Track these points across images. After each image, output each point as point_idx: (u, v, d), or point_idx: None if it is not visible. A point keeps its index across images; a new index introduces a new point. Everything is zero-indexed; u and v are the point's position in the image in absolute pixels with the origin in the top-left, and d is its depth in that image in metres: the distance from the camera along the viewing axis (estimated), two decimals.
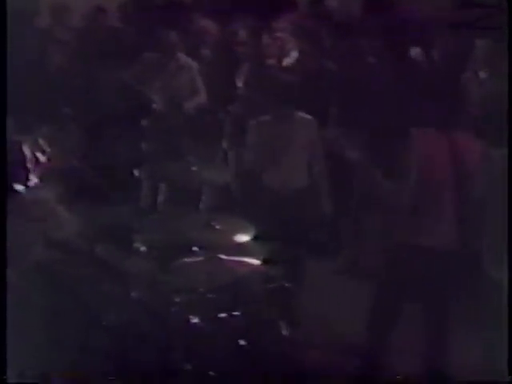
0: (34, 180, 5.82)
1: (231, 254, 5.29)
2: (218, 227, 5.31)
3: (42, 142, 6.17)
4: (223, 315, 5.11)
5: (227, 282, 5.20)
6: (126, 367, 4.85)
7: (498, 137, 5.80)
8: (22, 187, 5.43)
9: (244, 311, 5.17)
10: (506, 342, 4.67)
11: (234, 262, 5.27)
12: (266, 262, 5.30)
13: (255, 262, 5.27)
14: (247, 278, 5.25)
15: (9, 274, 4.40)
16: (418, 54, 8.00)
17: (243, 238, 5.29)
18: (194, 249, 5.36)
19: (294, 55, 8.05)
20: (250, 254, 5.30)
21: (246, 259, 5.28)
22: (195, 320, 5.06)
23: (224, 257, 5.28)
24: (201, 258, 5.32)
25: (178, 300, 5.11)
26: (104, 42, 8.44)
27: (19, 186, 5.36)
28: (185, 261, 5.31)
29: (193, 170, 6.02)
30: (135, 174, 6.52)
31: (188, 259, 5.32)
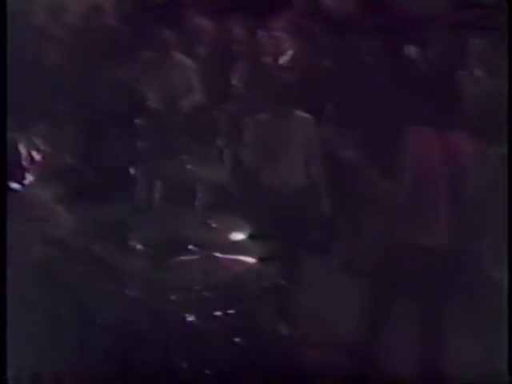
0: (29, 178, 5.82)
1: (227, 252, 5.29)
2: (214, 225, 5.32)
3: (38, 141, 6.17)
4: (219, 313, 5.11)
5: (223, 280, 5.20)
6: (121, 365, 4.86)
7: (496, 135, 5.82)
8: (17, 185, 5.43)
9: (239, 309, 5.17)
10: (506, 343, 4.67)
11: (230, 261, 5.28)
12: (261, 260, 5.31)
13: (251, 261, 5.28)
14: (243, 277, 5.25)
15: (7, 272, 4.40)
16: (414, 53, 8.00)
17: (239, 236, 5.30)
18: (190, 247, 5.36)
19: (290, 53, 8.06)
20: (246, 252, 5.31)
21: (241, 257, 5.29)
22: (191, 318, 5.05)
23: (220, 255, 5.29)
24: (196, 257, 5.32)
25: (173, 298, 5.10)
26: (100, 41, 8.43)
27: (15, 185, 5.36)
28: (180, 259, 5.31)
29: (188, 168, 6.03)
30: (131, 172, 6.52)
31: (184, 257, 5.32)
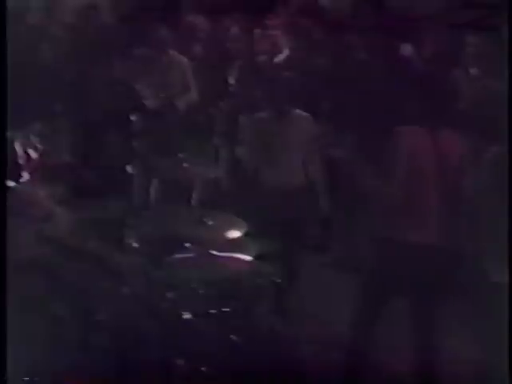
0: (25, 176, 5.83)
1: (223, 250, 5.30)
2: (210, 223, 5.33)
3: (34, 139, 6.17)
4: (215, 311, 5.11)
5: (219, 278, 5.20)
6: (117, 362, 4.86)
7: (492, 135, 5.84)
8: (13, 184, 5.43)
9: (236, 307, 5.17)
10: (506, 343, 4.67)
11: (226, 258, 5.29)
12: (257, 258, 5.31)
13: (247, 258, 5.29)
14: (239, 274, 5.25)
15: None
16: (410, 52, 8.01)
17: (235, 234, 5.30)
18: (186, 245, 5.37)
19: (286, 52, 8.07)
20: (242, 250, 5.32)
21: (237, 255, 5.30)
22: (187, 316, 5.07)
23: (216, 253, 5.30)
24: (193, 254, 5.33)
25: (170, 296, 5.12)
26: (96, 40, 8.42)
27: (11, 183, 5.36)
28: (177, 257, 5.32)
29: (185, 167, 6.04)
30: (128, 171, 6.53)
31: (180, 255, 5.33)
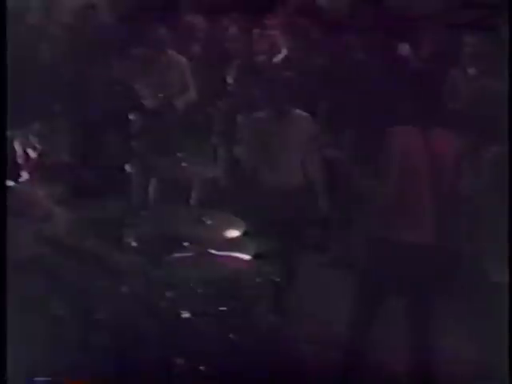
0: (24, 176, 5.84)
1: (222, 249, 5.31)
2: (209, 222, 5.34)
3: (33, 139, 6.18)
4: (214, 310, 5.13)
5: (218, 277, 5.21)
6: (116, 361, 4.87)
7: (490, 134, 5.85)
8: (12, 183, 5.44)
9: (234, 306, 5.18)
10: (506, 343, 4.68)
11: (225, 258, 5.29)
12: (256, 257, 5.32)
13: (246, 258, 5.29)
14: (238, 274, 5.26)
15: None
16: (408, 52, 8.02)
17: (234, 233, 5.31)
18: (185, 244, 5.38)
19: (284, 52, 8.07)
20: (241, 249, 5.32)
21: (236, 254, 5.30)
22: (186, 315, 5.08)
23: (215, 252, 5.31)
24: (191, 254, 5.34)
25: (168, 295, 5.13)
26: (95, 39, 8.42)
27: (10, 182, 5.37)
28: (176, 256, 5.32)
29: (183, 166, 6.05)
30: (126, 170, 6.54)
31: (179, 254, 5.34)
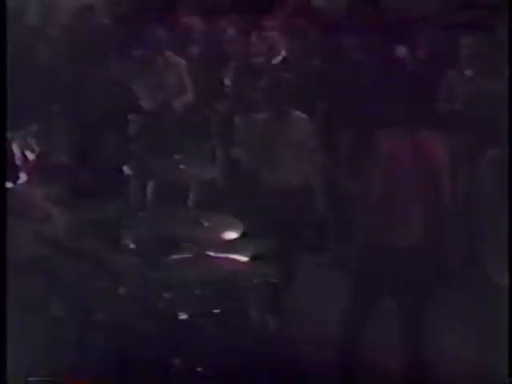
0: (23, 178, 5.84)
1: (220, 251, 5.32)
2: (207, 224, 5.34)
3: (31, 140, 6.19)
4: (211, 311, 5.13)
5: (216, 278, 5.22)
6: (115, 362, 4.88)
7: (492, 135, 5.85)
8: (11, 184, 5.45)
9: (232, 307, 5.19)
10: (506, 344, 4.68)
11: (223, 259, 5.30)
12: (254, 258, 5.33)
13: (244, 259, 5.30)
14: (236, 275, 5.27)
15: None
16: (405, 54, 8.03)
17: (231, 235, 5.32)
18: (183, 246, 5.38)
19: (283, 54, 8.08)
20: (239, 250, 5.33)
21: (234, 256, 5.31)
22: (184, 316, 5.09)
23: (212, 254, 5.31)
24: (189, 255, 5.34)
25: (166, 296, 5.13)
26: (93, 41, 8.43)
27: (8, 184, 5.38)
28: (173, 257, 5.33)
29: (181, 168, 6.05)
30: (124, 172, 6.54)
31: (177, 256, 5.34)
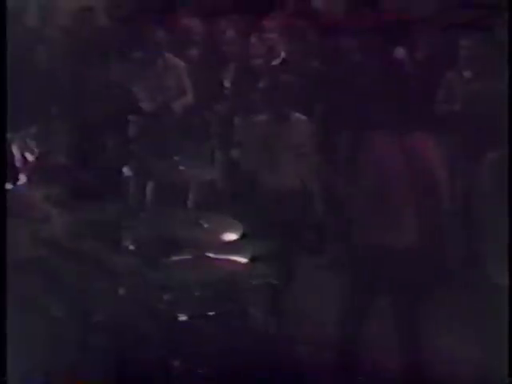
0: (22, 179, 5.85)
1: (219, 252, 5.32)
2: (206, 225, 5.35)
3: (31, 142, 6.20)
4: (211, 313, 5.14)
5: (215, 280, 5.22)
6: (114, 364, 4.88)
7: (492, 135, 5.84)
8: (10, 186, 5.46)
9: (232, 309, 5.20)
10: (506, 344, 4.69)
11: (222, 261, 5.30)
12: (254, 260, 5.33)
13: (243, 261, 5.31)
14: (235, 276, 5.27)
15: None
16: (404, 55, 8.03)
17: (231, 236, 5.32)
18: (182, 247, 5.38)
19: (282, 55, 8.09)
20: (238, 252, 5.33)
21: (234, 257, 5.31)
22: (183, 318, 5.09)
23: (212, 255, 5.32)
24: (189, 257, 5.35)
25: (166, 297, 5.14)
26: (92, 42, 8.44)
27: (8, 185, 5.39)
28: (173, 259, 5.33)
29: (181, 169, 6.06)
30: (124, 173, 6.55)
31: (176, 257, 5.35)
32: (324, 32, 8.33)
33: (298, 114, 6.43)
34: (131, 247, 5.41)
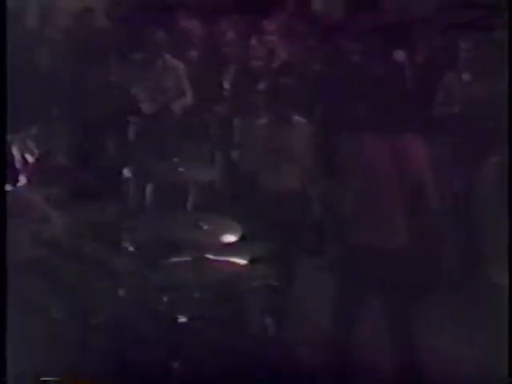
0: (22, 180, 5.85)
1: (219, 253, 5.32)
2: (206, 227, 5.34)
3: (31, 143, 6.20)
4: (211, 314, 5.14)
5: (215, 281, 5.22)
6: (114, 365, 4.88)
7: (487, 141, 5.86)
8: (10, 187, 5.45)
9: (232, 310, 5.20)
10: (506, 344, 4.69)
11: (222, 262, 5.30)
12: (253, 261, 5.33)
13: (242, 262, 5.31)
14: (235, 278, 5.28)
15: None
16: (403, 57, 8.03)
17: (231, 237, 5.32)
18: (182, 249, 5.39)
19: (282, 57, 8.09)
20: (238, 253, 5.34)
21: (233, 259, 5.31)
22: (183, 319, 5.09)
23: (211, 257, 5.32)
24: (189, 258, 5.35)
25: (165, 299, 5.14)
26: (92, 43, 8.45)
27: (8, 186, 5.38)
28: (173, 260, 5.34)
29: (180, 171, 6.06)
30: (124, 174, 6.55)
31: (176, 259, 5.35)
32: (324, 34, 8.34)
33: (297, 117, 6.44)
34: (131, 248, 5.40)
